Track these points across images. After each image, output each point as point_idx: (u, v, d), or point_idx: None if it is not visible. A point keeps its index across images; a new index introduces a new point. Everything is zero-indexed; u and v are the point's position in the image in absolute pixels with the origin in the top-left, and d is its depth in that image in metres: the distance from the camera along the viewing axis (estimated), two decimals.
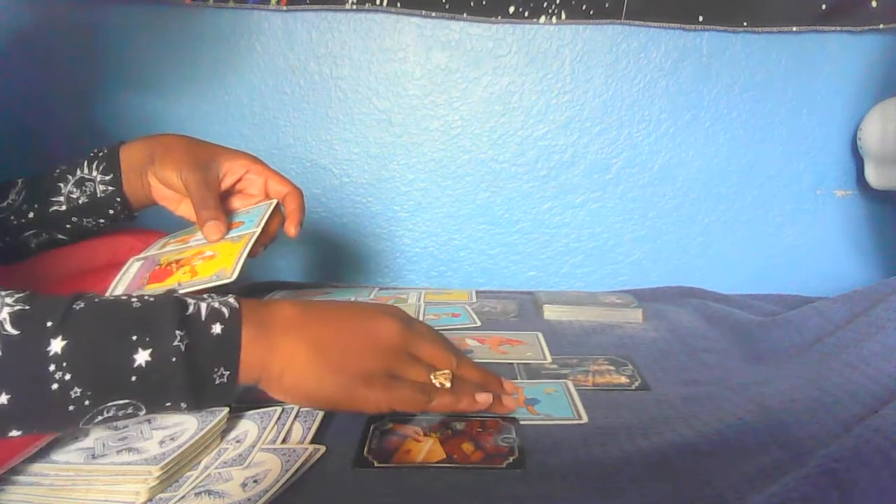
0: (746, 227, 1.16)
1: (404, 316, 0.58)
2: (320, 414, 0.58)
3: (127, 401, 0.46)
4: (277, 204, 0.71)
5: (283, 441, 0.54)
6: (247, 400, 0.64)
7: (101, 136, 0.74)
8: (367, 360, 0.53)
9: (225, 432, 0.55)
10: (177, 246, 0.69)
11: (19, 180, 0.71)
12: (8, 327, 0.43)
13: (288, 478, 0.48)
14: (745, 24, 1.08)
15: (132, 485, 0.47)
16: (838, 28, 1.08)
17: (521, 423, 0.58)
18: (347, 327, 0.54)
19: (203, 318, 0.48)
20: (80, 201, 0.70)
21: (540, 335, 0.80)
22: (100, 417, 0.46)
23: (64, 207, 0.70)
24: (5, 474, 0.48)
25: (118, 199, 0.70)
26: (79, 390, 0.44)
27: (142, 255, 0.71)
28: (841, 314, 0.72)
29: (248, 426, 0.56)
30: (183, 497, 0.47)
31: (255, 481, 0.48)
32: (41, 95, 1.09)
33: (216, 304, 0.50)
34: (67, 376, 0.43)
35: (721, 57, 1.10)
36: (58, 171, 0.71)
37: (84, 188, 0.70)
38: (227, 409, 0.55)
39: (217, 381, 0.48)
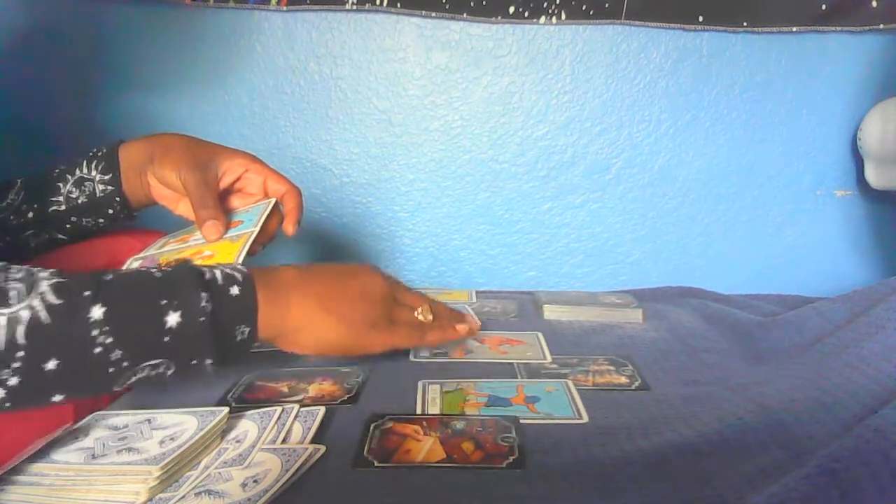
0: (746, 227, 1.16)
1: (382, 271, 0.67)
2: (320, 414, 0.58)
3: (160, 360, 0.49)
4: (276, 203, 0.71)
5: (283, 441, 0.54)
6: (247, 400, 0.64)
7: (102, 137, 0.74)
8: (367, 310, 0.61)
9: (225, 432, 0.55)
10: (176, 245, 0.69)
11: (18, 180, 0.71)
12: (50, 297, 0.45)
13: (288, 478, 0.48)
14: (745, 24, 1.08)
15: (132, 485, 0.47)
16: (838, 28, 1.08)
17: (522, 421, 0.58)
18: (345, 283, 0.62)
19: (220, 282, 0.53)
20: (80, 201, 0.70)
21: (540, 335, 0.80)
22: (133, 378, 0.49)
23: (63, 207, 0.70)
24: (5, 474, 0.48)
25: (117, 199, 0.70)
26: (119, 352, 0.47)
27: (141, 254, 0.71)
28: (841, 314, 0.72)
29: (248, 426, 0.56)
30: (183, 497, 0.47)
31: (255, 481, 0.48)
32: (41, 95, 1.09)
33: (228, 271, 0.54)
34: (109, 340, 0.46)
35: (721, 57, 1.11)
36: (57, 170, 0.71)
37: (83, 188, 0.70)
38: (227, 410, 0.55)
39: (238, 338, 0.53)
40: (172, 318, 0.49)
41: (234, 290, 0.53)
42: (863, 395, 0.55)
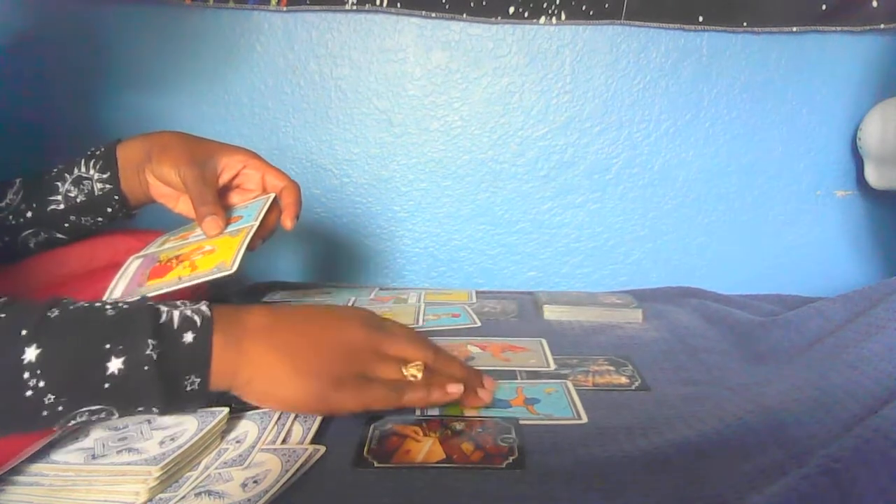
0: (746, 227, 1.16)
1: (371, 317, 0.60)
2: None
3: (99, 406, 0.47)
4: (275, 198, 0.71)
5: (283, 441, 0.54)
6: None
7: (102, 137, 0.74)
8: (336, 364, 0.54)
9: (225, 433, 0.55)
10: (176, 243, 0.70)
11: (17, 180, 0.71)
12: None
13: (288, 478, 0.48)
14: (745, 24, 1.08)
15: (132, 485, 0.47)
16: (838, 28, 1.08)
17: (522, 422, 0.58)
18: (316, 333, 0.56)
19: (175, 326, 0.49)
20: (78, 200, 0.70)
21: (543, 342, 0.79)
22: (73, 422, 0.47)
23: (62, 206, 0.70)
24: (5, 474, 0.48)
25: (116, 198, 0.70)
26: (52, 397, 0.45)
27: (141, 253, 0.71)
28: (841, 314, 0.72)
29: (248, 426, 0.56)
30: (183, 497, 0.47)
31: (255, 482, 0.48)
32: (41, 95, 1.09)
33: (188, 313, 0.51)
34: (41, 384, 0.44)
35: (721, 57, 1.10)
36: (55, 170, 0.71)
37: (82, 187, 0.70)
38: (227, 410, 0.55)
39: (188, 388, 0.50)
40: (114, 365, 0.46)
41: (188, 337, 0.49)
42: (863, 395, 0.54)
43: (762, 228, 1.17)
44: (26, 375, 0.44)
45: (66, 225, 0.71)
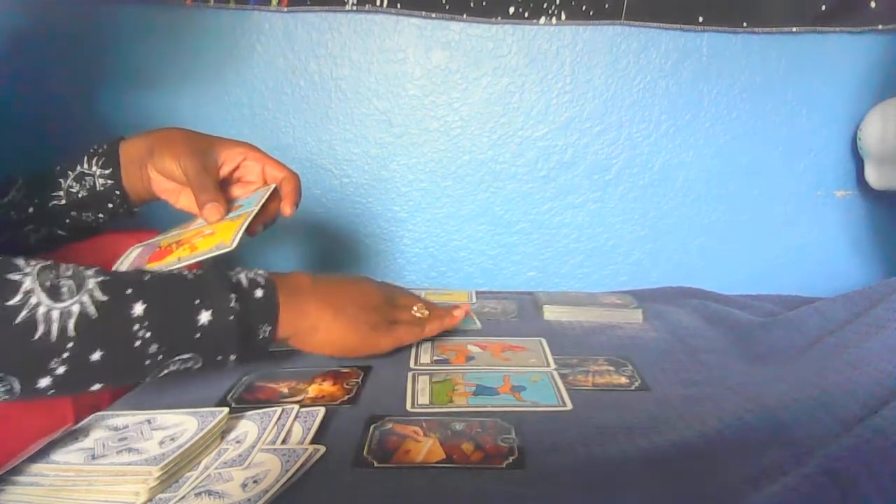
0: (746, 227, 1.16)
1: (374, 280, 0.74)
2: (320, 414, 0.58)
3: (190, 355, 0.53)
4: (275, 188, 0.73)
5: (283, 441, 0.54)
6: (247, 400, 0.64)
7: (102, 137, 0.74)
8: (371, 314, 0.68)
9: (225, 432, 0.55)
10: (178, 231, 0.71)
11: (20, 177, 0.72)
12: (98, 294, 0.49)
13: (288, 478, 0.48)
14: (745, 24, 1.08)
15: (132, 485, 0.47)
16: (838, 28, 1.08)
17: (508, 409, 0.60)
18: (349, 291, 0.68)
19: (245, 284, 0.58)
20: (80, 195, 0.71)
21: (543, 341, 0.79)
22: (165, 371, 0.53)
23: (63, 202, 0.71)
24: (5, 474, 0.48)
25: (117, 193, 0.71)
26: (155, 346, 0.51)
27: (142, 242, 0.72)
28: (841, 314, 0.72)
29: (248, 426, 0.56)
30: (183, 497, 0.47)
31: (255, 481, 0.48)
32: (41, 95, 1.09)
33: (252, 275, 0.59)
34: (148, 334, 0.50)
35: (721, 57, 1.11)
36: (58, 167, 0.72)
37: (84, 182, 0.71)
38: (226, 410, 0.55)
39: (261, 336, 0.58)
40: (204, 317, 0.53)
41: (259, 293, 0.58)
42: (863, 395, 0.54)
43: (762, 228, 1.17)
44: (136, 328, 0.50)
45: (67, 221, 0.72)
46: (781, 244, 1.17)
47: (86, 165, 0.71)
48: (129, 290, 0.50)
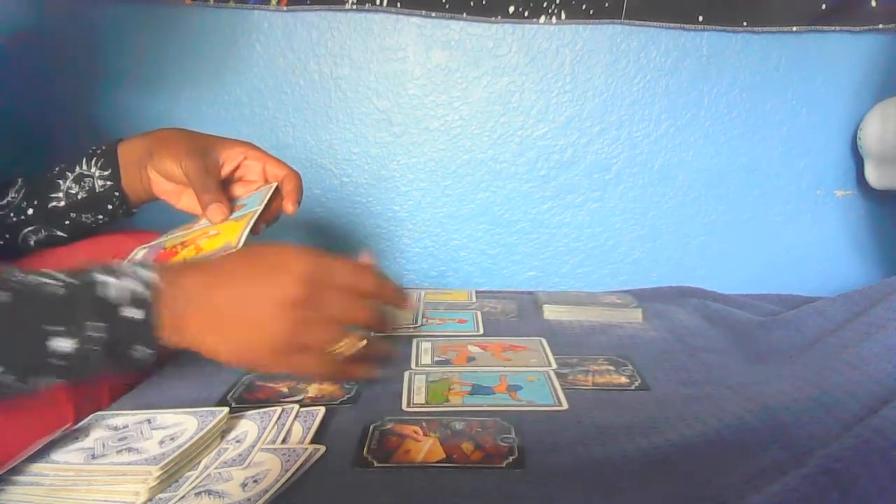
0: (746, 227, 1.16)
1: (317, 262, 0.55)
2: (320, 414, 0.58)
3: (50, 378, 0.48)
4: (277, 187, 0.73)
5: (283, 441, 0.54)
6: (247, 400, 0.64)
7: (101, 136, 0.74)
8: (267, 334, 0.53)
9: (225, 432, 0.55)
10: (182, 232, 0.71)
11: (19, 179, 0.72)
12: None
13: (288, 478, 0.48)
14: (745, 24, 1.08)
15: (132, 485, 0.47)
16: (838, 28, 1.08)
17: (505, 408, 0.60)
18: (252, 293, 0.53)
19: (122, 301, 0.49)
20: (79, 197, 0.71)
21: (543, 340, 0.79)
22: (27, 390, 0.48)
23: (63, 203, 0.71)
24: (5, 474, 0.48)
25: (116, 194, 0.71)
26: (1, 369, 0.46)
27: (147, 244, 0.72)
28: (841, 314, 0.72)
29: (248, 426, 0.56)
30: (183, 497, 0.47)
31: (254, 481, 0.47)
32: (41, 95, 1.09)
33: (134, 284, 0.50)
34: None
35: (721, 57, 1.10)
36: (57, 168, 0.72)
37: (83, 184, 0.71)
38: (226, 410, 0.55)
39: (137, 356, 0.50)
40: (64, 344, 0.47)
41: (134, 314, 0.49)
42: (863, 395, 0.54)
43: (762, 228, 1.17)
44: None
45: (67, 222, 0.72)
46: (781, 244, 1.17)
47: (85, 167, 0.71)
48: None
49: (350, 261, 0.58)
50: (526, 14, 1.08)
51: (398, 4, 1.07)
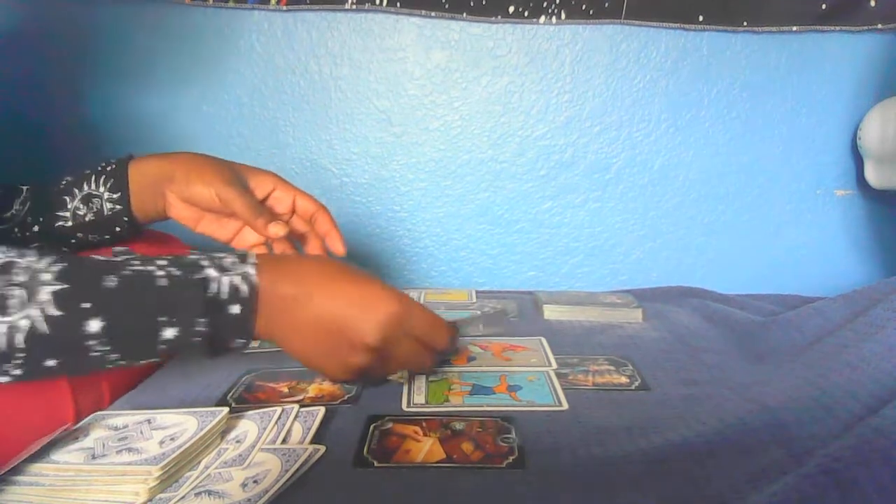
0: (746, 227, 1.16)
1: (395, 315, 0.57)
2: (320, 414, 0.58)
3: (154, 360, 0.53)
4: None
5: (283, 441, 0.54)
6: (247, 400, 0.64)
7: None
8: (346, 363, 0.57)
9: (225, 432, 0.55)
10: None
11: (24, 188, 0.71)
12: (50, 309, 0.46)
13: (288, 478, 0.48)
14: (745, 24, 1.08)
15: (132, 485, 0.47)
16: (838, 28, 1.08)
17: (504, 408, 0.60)
18: (334, 339, 0.56)
19: (224, 297, 0.52)
20: (87, 218, 0.70)
21: (543, 340, 0.79)
22: (128, 366, 0.52)
23: (69, 223, 0.70)
24: (5, 474, 0.48)
25: (125, 218, 0.70)
26: (115, 356, 0.50)
27: None
28: (841, 314, 0.71)
29: (248, 426, 0.56)
30: (183, 497, 0.47)
31: (255, 481, 0.48)
32: (40, 95, 1.09)
33: (238, 280, 0.53)
34: (107, 348, 0.49)
35: (721, 57, 1.10)
36: (64, 182, 0.71)
37: (91, 205, 0.70)
38: (227, 410, 0.55)
39: (234, 346, 0.55)
40: (169, 332, 0.50)
41: (235, 309, 0.53)
42: (863, 395, 0.54)
43: (762, 228, 1.17)
44: (91, 343, 0.48)
45: (73, 241, 0.71)
46: (781, 244, 1.17)
47: (93, 186, 0.69)
48: (88, 305, 0.47)
49: (429, 313, 0.62)
50: (526, 14, 1.08)
51: (398, 4, 1.07)
